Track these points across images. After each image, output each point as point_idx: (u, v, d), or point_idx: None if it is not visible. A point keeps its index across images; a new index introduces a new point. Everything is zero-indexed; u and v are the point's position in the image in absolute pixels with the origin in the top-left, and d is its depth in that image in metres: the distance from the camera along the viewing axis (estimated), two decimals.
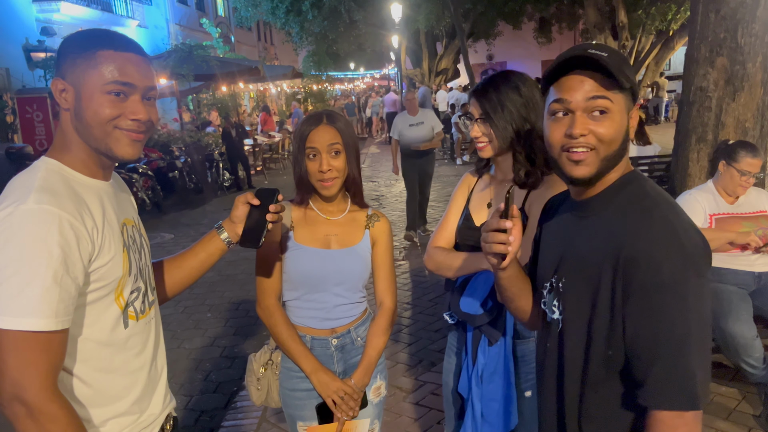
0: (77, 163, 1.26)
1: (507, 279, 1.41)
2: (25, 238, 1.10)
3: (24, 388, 1.09)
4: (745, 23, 4.18)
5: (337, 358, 1.95)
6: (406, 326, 4.67)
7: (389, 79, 32.77)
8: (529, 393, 1.87)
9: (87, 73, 1.22)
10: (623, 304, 1.15)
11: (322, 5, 17.96)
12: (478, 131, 1.84)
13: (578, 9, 23.10)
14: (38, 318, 1.09)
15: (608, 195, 1.26)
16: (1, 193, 1.18)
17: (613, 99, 1.20)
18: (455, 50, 24.27)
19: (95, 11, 16.80)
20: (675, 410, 1.11)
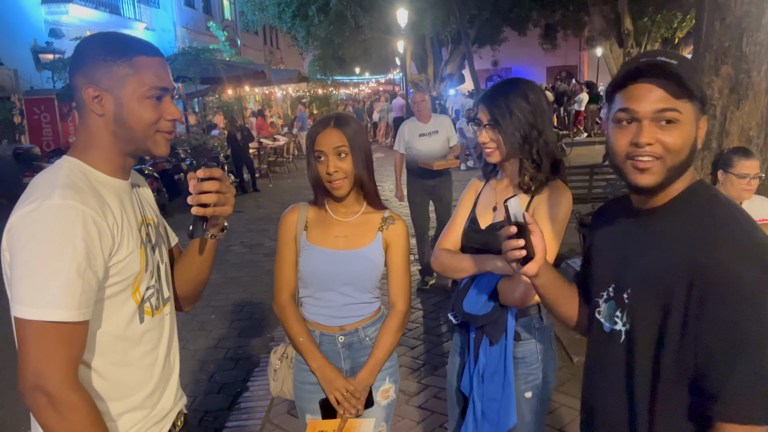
0: (100, 162, 1.29)
1: (541, 286, 1.41)
2: (51, 233, 1.13)
3: (46, 378, 1.12)
4: (750, 32, 4.20)
5: (345, 356, 1.99)
6: (410, 330, 4.69)
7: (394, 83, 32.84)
8: (529, 394, 1.90)
9: (127, 79, 1.25)
10: (698, 316, 1.12)
11: (328, 10, 18.02)
12: (486, 137, 1.87)
13: (584, 16, 23.13)
14: (62, 309, 1.13)
15: (677, 205, 1.23)
16: (26, 190, 1.22)
17: (682, 109, 1.17)
18: (460, 56, 24.33)
19: (103, 14, 16.92)
20: (747, 424, 1.09)
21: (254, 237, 7.95)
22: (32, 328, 1.12)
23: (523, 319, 1.89)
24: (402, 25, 17.75)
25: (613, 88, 1.24)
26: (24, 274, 1.13)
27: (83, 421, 1.15)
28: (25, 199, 1.19)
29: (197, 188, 1.32)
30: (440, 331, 4.62)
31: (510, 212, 1.31)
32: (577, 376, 3.76)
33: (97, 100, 1.25)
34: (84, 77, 1.26)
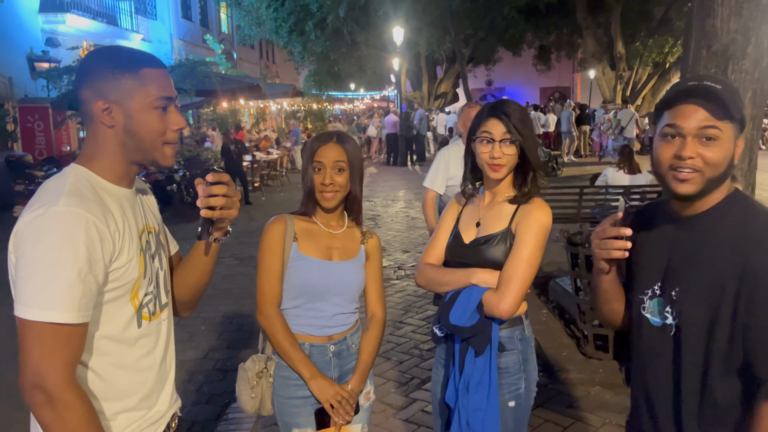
0: (106, 171, 1.34)
1: (609, 281, 1.54)
2: (55, 238, 1.19)
3: (44, 377, 1.17)
4: (735, 59, 4.31)
5: (334, 364, 2.04)
6: (397, 344, 4.72)
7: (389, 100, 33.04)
8: (512, 403, 1.95)
9: (135, 91, 1.30)
10: (748, 309, 1.28)
11: (325, 26, 18.21)
12: (500, 152, 1.90)
13: (577, 38, 23.49)
14: (62, 311, 1.17)
15: (721, 211, 1.38)
16: (33, 197, 1.27)
17: (723, 128, 1.32)
18: (455, 74, 24.59)
19: (100, 24, 17.00)
20: None
21: (245, 249, 7.97)
22: (33, 328, 1.17)
23: (506, 330, 1.95)
24: (398, 42, 17.94)
25: (662, 106, 1.40)
26: (27, 276, 1.18)
27: (79, 419, 1.19)
28: (31, 204, 1.24)
29: (206, 191, 1.37)
30: (428, 346, 4.65)
31: (626, 215, 1.42)
32: (562, 392, 3.81)
33: (106, 112, 1.30)
34: (92, 90, 1.30)
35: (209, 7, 26.62)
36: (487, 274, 1.91)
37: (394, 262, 7.28)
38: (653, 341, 1.47)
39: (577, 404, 3.67)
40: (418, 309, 5.55)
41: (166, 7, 22.15)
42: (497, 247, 1.92)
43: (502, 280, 1.87)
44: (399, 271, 6.83)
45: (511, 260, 1.87)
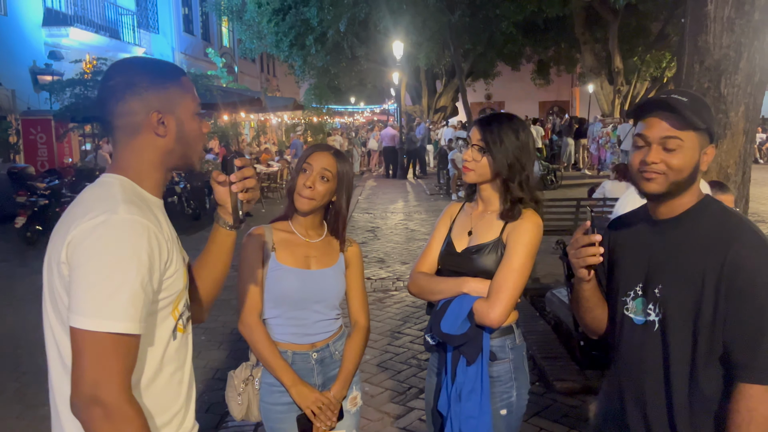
0: (144, 181, 1.32)
1: (590, 290, 1.64)
2: (119, 246, 1.17)
3: (104, 390, 1.12)
4: (728, 74, 4.40)
5: (317, 371, 2.07)
6: (396, 354, 4.76)
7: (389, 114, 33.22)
8: (504, 411, 1.98)
9: (182, 99, 1.33)
10: (728, 300, 1.39)
11: (325, 40, 18.35)
12: (470, 156, 1.99)
13: (576, 53, 23.67)
14: (125, 321, 1.15)
15: (695, 213, 1.51)
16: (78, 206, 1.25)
17: (684, 138, 1.46)
18: (454, 88, 24.72)
19: (103, 38, 17.15)
20: (766, 385, 1.36)
21: None
22: (94, 339, 1.13)
23: (497, 340, 1.98)
24: (397, 57, 18.09)
25: (636, 117, 1.55)
26: (89, 286, 1.15)
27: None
28: (84, 213, 1.20)
29: (240, 175, 1.39)
30: (426, 356, 4.67)
31: (594, 223, 1.53)
32: (558, 402, 3.85)
33: (161, 123, 1.30)
34: (142, 102, 1.28)
35: (211, 21, 26.86)
36: (478, 283, 1.94)
37: (392, 273, 7.33)
38: (637, 339, 1.55)
39: (573, 413, 3.71)
40: (416, 319, 5.59)
41: (168, 21, 22.37)
42: (488, 256, 1.96)
43: (493, 289, 1.90)
44: (398, 282, 6.87)
45: (502, 270, 1.91)
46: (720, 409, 1.43)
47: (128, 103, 1.28)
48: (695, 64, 4.52)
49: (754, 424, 1.36)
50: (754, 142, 5.26)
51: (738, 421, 1.37)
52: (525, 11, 17.08)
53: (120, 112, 1.29)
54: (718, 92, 4.43)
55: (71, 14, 15.82)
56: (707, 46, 4.44)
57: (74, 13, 16.00)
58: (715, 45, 4.42)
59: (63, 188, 10.00)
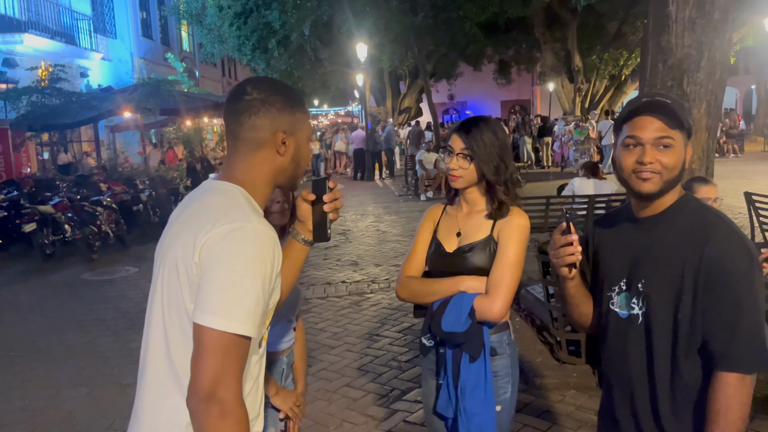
0: (257, 194, 1.41)
1: (574, 287, 1.69)
2: (252, 254, 1.25)
3: (224, 388, 1.19)
4: (690, 73, 4.53)
5: (285, 375, 2.17)
6: (375, 357, 4.77)
7: (353, 116, 33.20)
8: (499, 407, 2.01)
9: (303, 125, 1.45)
10: (706, 292, 1.46)
11: (288, 43, 18.24)
12: (456, 164, 2.03)
13: (536, 52, 24.06)
14: (248, 325, 1.23)
15: (675, 211, 1.57)
16: (205, 212, 1.31)
17: (675, 137, 1.51)
18: (418, 89, 24.85)
19: (59, 44, 16.71)
20: (748, 373, 1.43)
21: None
22: (219, 338, 1.20)
23: (495, 336, 2.02)
24: (361, 59, 18.09)
25: (621, 121, 1.58)
26: (220, 288, 1.22)
27: None
28: (216, 219, 1.27)
29: (332, 196, 1.54)
30: (407, 357, 4.71)
31: (569, 222, 1.58)
32: (539, 397, 3.91)
33: (284, 142, 1.40)
34: (272, 121, 1.38)
35: (170, 26, 26.40)
36: (474, 280, 1.99)
37: (367, 276, 7.33)
38: (622, 332, 1.62)
39: (554, 408, 3.77)
40: (394, 321, 5.61)
41: (126, 26, 21.91)
42: (481, 254, 2.00)
43: (492, 284, 1.95)
44: (373, 285, 6.88)
45: (498, 265, 1.96)
46: (700, 398, 1.49)
47: (261, 119, 1.38)
48: (659, 64, 4.65)
49: (732, 411, 1.42)
50: (716, 138, 5.44)
51: (717, 408, 1.43)
52: (487, 12, 17.29)
53: (250, 126, 1.38)
54: (681, 90, 4.56)
55: (25, 20, 15.35)
56: (670, 46, 4.57)
57: (28, 18, 15.53)
58: (677, 44, 4.55)
59: (21, 199, 9.72)
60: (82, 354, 5.22)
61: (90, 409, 4.13)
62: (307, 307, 6.20)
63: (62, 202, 9.48)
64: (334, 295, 6.61)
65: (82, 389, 4.47)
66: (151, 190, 11.57)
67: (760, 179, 13.93)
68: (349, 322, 5.68)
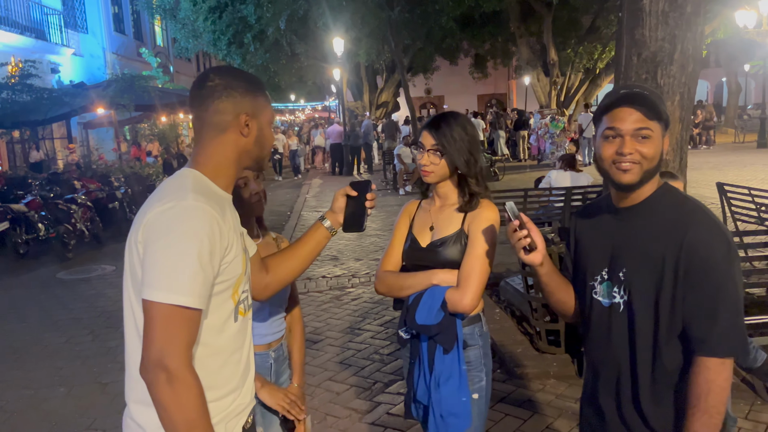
0: (219, 176, 1.49)
1: (546, 275, 1.72)
2: (184, 228, 1.32)
3: (168, 356, 1.27)
4: (663, 65, 4.61)
5: (273, 370, 2.14)
6: (358, 351, 4.79)
7: (330, 111, 33.08)
8: (476, 396, 2.06)
9: (265, 108, 1.54)
10: (686, 278, 1.49)
11: (264, 38, 18.10)
12: (427, 160, 2.06)
13: (511, 46, 24.19)
14: (186, 296, 1.29)
15: (654, 201, 1.59)
16: (155, 194, 1.43)
17: (653, 128, 1.53)
18: (395, 84, 24.85)
19: (29, 39, 16.38)
20: (727, 357, 1.47)
21: None
22: (160, 309, 1.28)
23: (467, 328, 2.06)
24: (338, 53, 18.03)
25: (600, 112, 1.60)
26: (157, 262, 1.30)
27: (194, 398, 1.29)
28: (159, 200, 1.37)
29: (372, 196, 1.81)
30: (389, 350, 4.74)
31: (509, 212, 1.64)
32: (520, 387, 3.96)
33: (247, 124, 1.48)
34: (234, 104, 1.47)
35: (143, 20, 26.01)
36: (446, 273, 2.02)
37: (347, 270, 7.34)
38: (605, 320, 1.65)
39: (535, 398, 3.83)
40: (375, 315, 5.63)
41: (98, 21, 21.52)
42: (453, 247, 2.04)
43: (462, 277, 1.99)
44: (353, 279, 6.89)
45: (468, 258, 2.00)
46: (681, 383, 1.53)
47: (223, 102, 1.46)
48: (633, 57, 4.72)
49: (711, 395, 1.46)
50: (689, 130, 5.54)
51: (697, 392, 1.47)
52: (463, 6, 17.34)
53: (214, 110, 1.46)
54: (655, 83, 4.64)
55: None
56: (644, 39, 4.64)
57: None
58: (650, 37, 4.62)
59: None
60: (59, 354, 5.15)
61: (69, 409, 4.08)
62: None
63: (35, 200, 9.31)
64: (314, 290, 6.61)
65: (60, 389, 4.41)
66: (126, 187, 11.43)
67: (731, 169, 14.23)
68: (331, 317, 5.69)
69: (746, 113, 28.74)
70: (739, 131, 23.31)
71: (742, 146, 21.02)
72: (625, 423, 1.63)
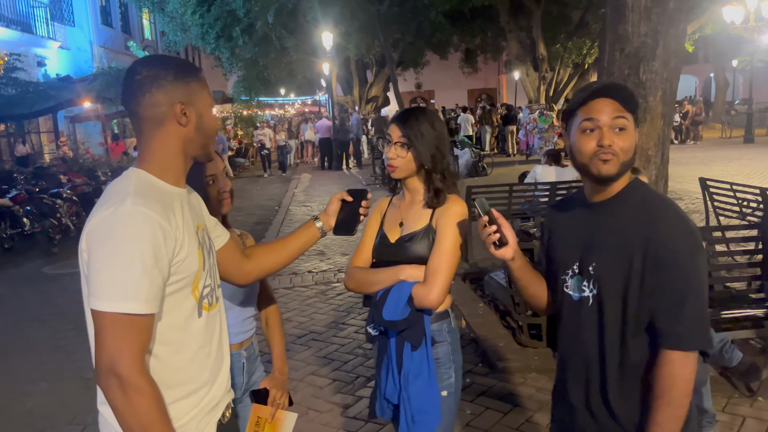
0: (165, 173, 1.45)
1: (518, 269, 1.75)
2: (124, 235, 1.29)
3: (118, 363, 1.26)
4: (646, 61, 4.64)
5: (246, 370, 2.13)
6: (341, 345, 4.80)
7: (320, 105, 33.00)
8: (445, 393, 2.05)
9: (202, 93, 1.47)
10: (653, 273, 1.50)
11: (253, 32, 18.01)
12: (394, 153, 2.06)
13: (501, 41, 24.19)
14: (131, 302, 1.27)
15: (625, 196, 1.62)
16: (101, 198, 1.39)
17: (628, 119, 1.57)
18: (385, 78, 24.80)
19: (15, 32, 16.22)
20: (691, 350, 1.49)
21: None
22: (107, 318, 1.27)
23: (436, 324, 2.06)
24: (327, 47, 17.97)
25: (575, 106, 1.61)
26: (99, 271, 1.28)
27: (148, 402, 1.28)
28: (101, 205, 1.35)
29: (367, 203, 1.86)
30: (371, 345, 4.74)
31: (479, 208, 1.65)
32: (501, 381, 3.99)
33: (184, 113, 1.43)
34: (167, 94, 1.41)
35: (131, 13, 25.80)
36: (414, 269, 2.02)
37: (333, 265, 7.34)
38: (575, 314, 1.67)
39: (516, 391, 3.85)
40: (360, 310, 5.64)
41: (85, 14, 21.32)
42: (421, 243, 2.04)
43: (429, 272, 1.98)
44: (339, 274, 6.89)
45: (435, 253, 2.00)
46: (647, 375, 1.55)
47: (155, 95, 1.40)
48: (616, 52, 4.74)
49: (676, 388, 1.49)
50: (671, 125, 5.58)
51: (662, 385, 1.50)
52: (452, 0, 17.30)
53: (147, 104, 1.41)
54: (637, 78, 4.67)
55: None
56: (626, 35, 4.66)
57: None
58: (633, 33, 4.65)
59: None
60: (42, 348, 5.14)
61: (52, 404, 4.07)
62: None
63: (20, 194, 9.26)
64: (300, 285, 6.62)
65: (43, 384, 4.40)
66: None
67: (718, 164, 14.34)
68: (315, 312, 5.70)
69: (734, 109, 28.92)
70: (726, 126, 23.47)
71: (729, 141, 21.17)
72: (593, 415, 1.65)
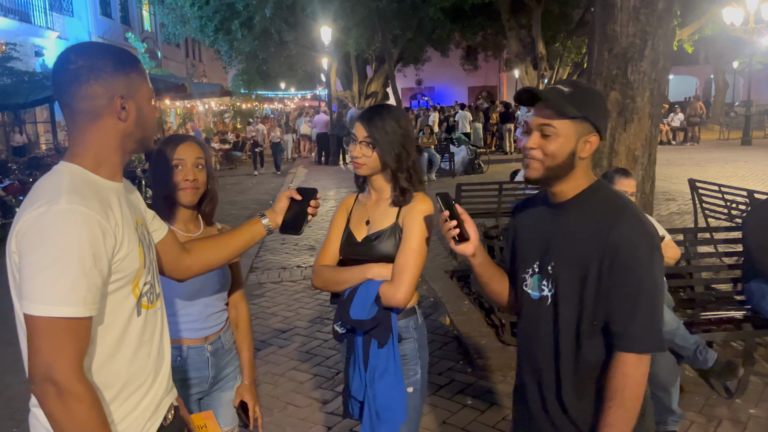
0: (101, 167, 1.37)
1: (479, 266, 1.75)
2: (59, 235, 1.21)
3: (54, 370, 1.19)
4: (634, 62, 4.63)
5: (211, 363, 2.11)
6: (324, 341, 4.79)
7: (320, 99, 32.94)
8: (411, 389, 2.06)
9: (142, 85, 1.40)
10: (609, 275, 1.51)
11: (252, 25, 17.97)
12: (359, 152, 2.05)
13: (502, 39, 24.14)
14: (69, 306, 1.21)
15: (586, 197, 1.62)
16: (30, 196, 1.30)
17: (558, 126, 1.55)
18: (385, 74, 24.71)
19: (12, 21, 16.18)
20: (644, 353, 1.51)
21: None
22: (42, 323, 1.20)
23: (402, 321, 2.06)
24: (326, 42, 17.93)
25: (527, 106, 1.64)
26: (34, 274, 1.21)
27: (87, 410, 1.22)
28: (31, 203, 1.26)
29: (316, 203, 1.79)
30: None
31: (441, 203, 1.67)
32: (481, 378, 3.99)
33: (124, 107, 1.35)
34: (104, 87, 1.32)
35: (130, 4, 25.77)
36: (381, 267, 2.01)
37: None
38: (533, 313, 1.68)
39: (495, 389, 3.86)
40: None
41: (84, 4, 21.29)
42: (388, 241, 2.03)
43: (395, 271, 1.98)
44: None
45: (402, 252, 1.99)
46: (601, 376, 1.56)
47: (92, 87, 1.31)
48: (605, 52, 4.74)
49: (628, 389, 1.50)
50: (659, 126, 5.57)
51: (615, 386, 1.51)
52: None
53: (83, 96, 1.32)
54: (625, 78, 4.66)
55: None
56: (615, 35, 4.65)
57: None
58: (622, 33, 4.64)
59: None
60: None
61: None
62: (260, 291, 6.20)
63: (13, 184, 9.25)
64: (288, 280, 6.61)
65: (23, 375, 4.38)
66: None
67: (714, 166, 14.34)
68: (302, 306, 5.70)
69: (733, 110, 28.89)
70: (725, 128, 23.45)
71: (727, 143, 21.16)
72: (548, 414, 1.66)
